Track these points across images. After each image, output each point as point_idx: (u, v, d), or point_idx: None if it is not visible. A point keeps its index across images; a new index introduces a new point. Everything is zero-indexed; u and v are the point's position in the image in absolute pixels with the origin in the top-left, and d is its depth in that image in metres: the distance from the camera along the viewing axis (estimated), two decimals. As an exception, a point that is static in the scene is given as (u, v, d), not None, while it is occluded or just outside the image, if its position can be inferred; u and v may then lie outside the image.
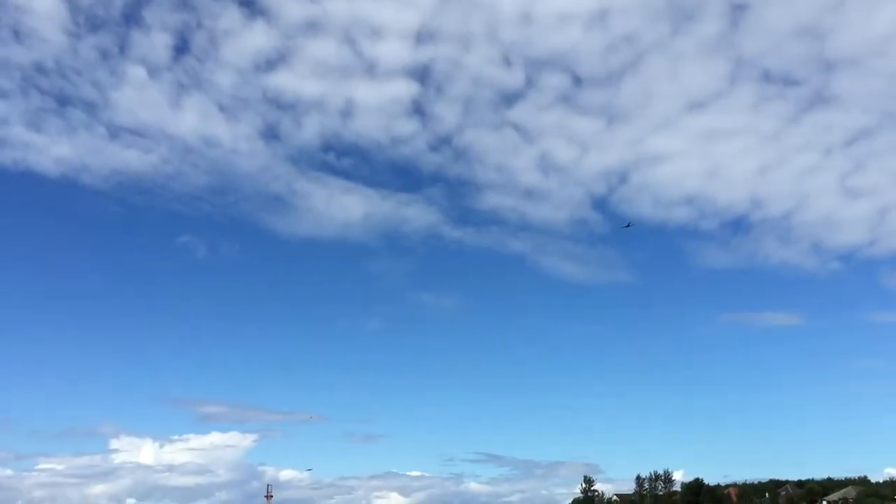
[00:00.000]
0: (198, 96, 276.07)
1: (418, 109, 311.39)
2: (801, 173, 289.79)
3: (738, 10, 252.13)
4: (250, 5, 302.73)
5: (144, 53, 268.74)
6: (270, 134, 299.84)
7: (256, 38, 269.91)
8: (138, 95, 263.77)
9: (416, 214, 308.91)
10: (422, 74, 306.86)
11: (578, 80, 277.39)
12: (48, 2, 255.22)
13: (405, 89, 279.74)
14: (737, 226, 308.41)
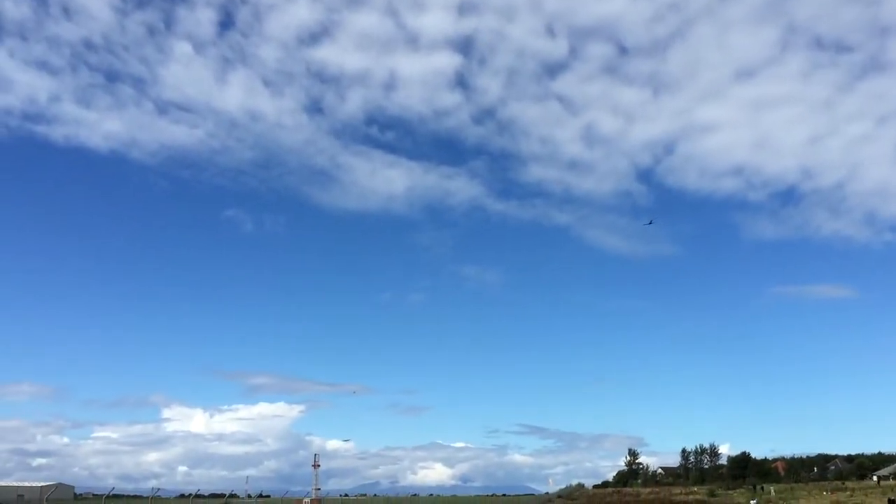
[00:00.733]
0: (242, 71, 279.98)
1: (461, 81, 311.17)
2: (854, 142, 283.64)
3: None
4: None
5: (190, 29, 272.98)
6: (314, 108, 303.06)
7: (300, 12, 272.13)
8: (184, 71, 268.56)
9: (460, 187, 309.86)
10: (465, 46, 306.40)
11: (623, 50, 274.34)
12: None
13: (448, 61, 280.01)
14: (786, 197, 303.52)
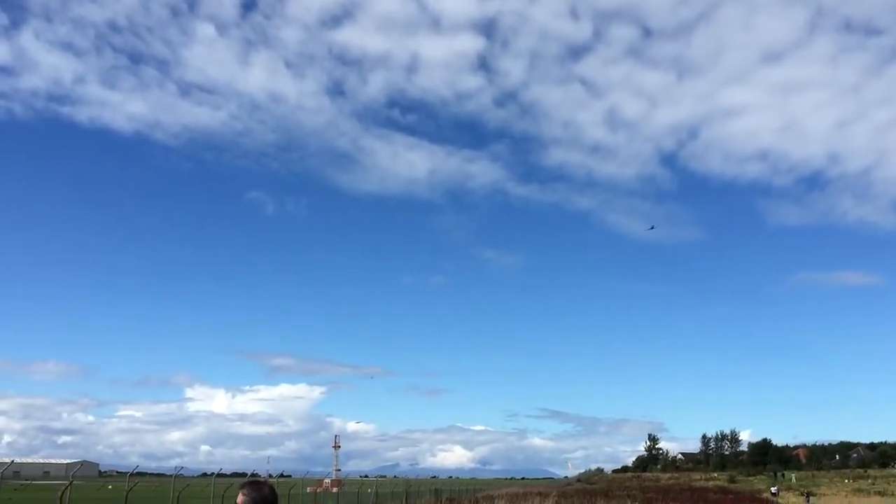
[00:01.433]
0: (265, 53, 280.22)
1: (483, 64, 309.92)
2: (882, 127, 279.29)
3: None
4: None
5: (212, 10, 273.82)
6: (336, 90, 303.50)
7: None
8: (207, 52, 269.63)
9: (481, 171, 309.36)
10: (487, 28, 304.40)
11: (648, 32, 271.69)
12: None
13: (470, 44, 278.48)
14: (812, 182, 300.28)
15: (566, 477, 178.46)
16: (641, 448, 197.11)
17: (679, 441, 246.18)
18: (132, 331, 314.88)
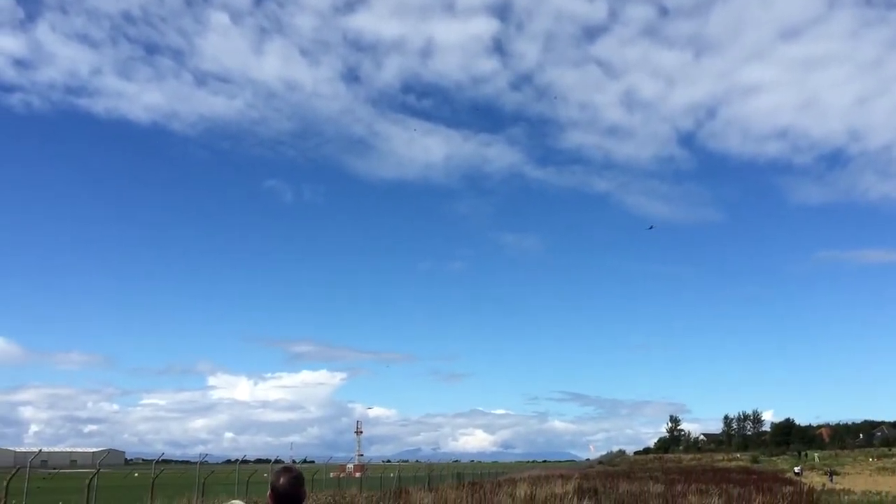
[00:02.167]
0: (279, 40, 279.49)
1: (498, 47, 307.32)
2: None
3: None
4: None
5: None
6: (351, 76, 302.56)
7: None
8: (222, 41, 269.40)
9: (498, 154, 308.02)
10: (502, 11, 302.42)
11: (664, 11, 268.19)
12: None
13: (485, 27, 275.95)
14: (833, 160, 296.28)
15: (588, 459, 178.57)
16: (663, 429, 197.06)
17: (701, 422, 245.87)
18: (154, 320, 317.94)
